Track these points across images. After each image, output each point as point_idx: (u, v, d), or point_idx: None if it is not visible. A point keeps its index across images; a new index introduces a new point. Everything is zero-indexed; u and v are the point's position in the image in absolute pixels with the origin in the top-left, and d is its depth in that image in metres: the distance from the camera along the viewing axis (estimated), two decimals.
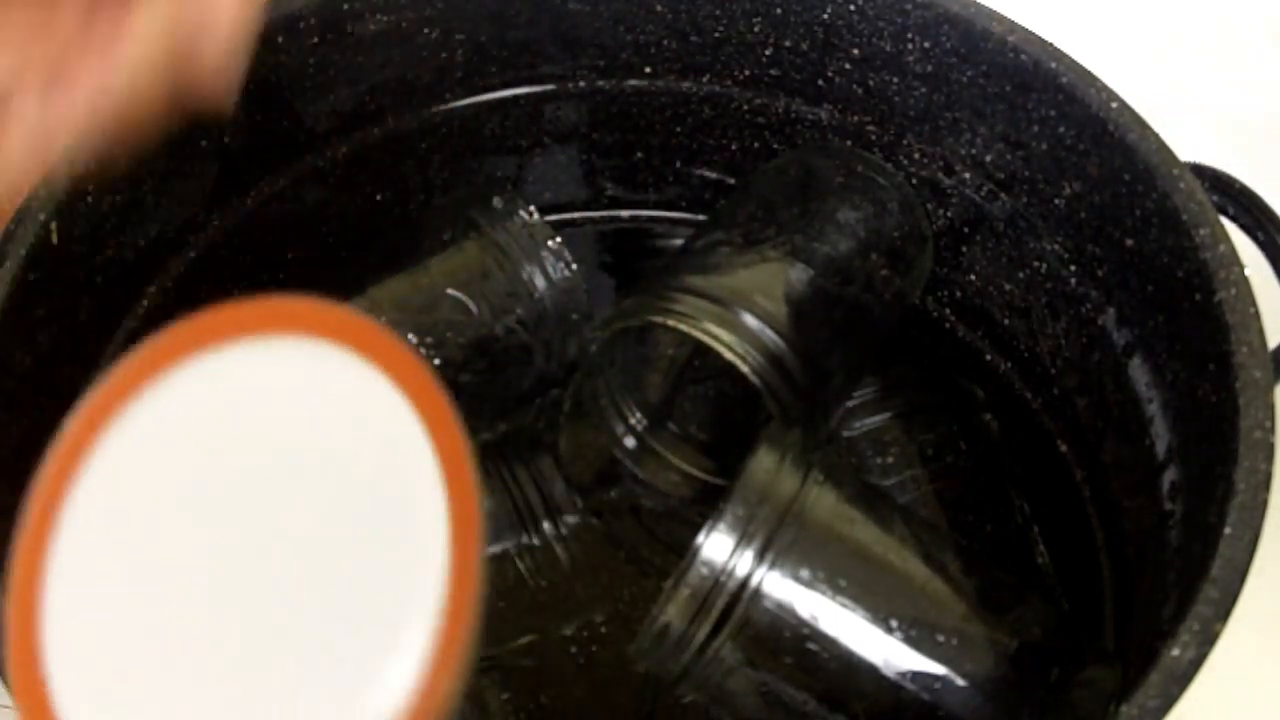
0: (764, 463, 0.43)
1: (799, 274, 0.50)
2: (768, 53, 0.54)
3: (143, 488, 0.29)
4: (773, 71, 0.54)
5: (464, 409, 0.52)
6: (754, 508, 0.42)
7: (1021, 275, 0.53)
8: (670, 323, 0.47)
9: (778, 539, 0.42)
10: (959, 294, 0.57)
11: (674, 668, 0.43)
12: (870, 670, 0.41)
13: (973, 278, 0.55)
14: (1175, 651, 0.35)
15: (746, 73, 0.55)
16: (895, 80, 0.52)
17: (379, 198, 0.56)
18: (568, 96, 0.56)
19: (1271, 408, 0.39)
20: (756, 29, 0.53)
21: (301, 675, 0.27)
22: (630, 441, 0.57)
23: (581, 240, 0.61)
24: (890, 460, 0.56)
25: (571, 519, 0.56)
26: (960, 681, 0.41)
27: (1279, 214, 0.48)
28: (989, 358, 0.56)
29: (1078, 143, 0.47)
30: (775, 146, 0.57)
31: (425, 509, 0.28)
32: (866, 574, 0.42)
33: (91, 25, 0.31)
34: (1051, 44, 0.47)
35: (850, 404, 0.56)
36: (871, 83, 0.53)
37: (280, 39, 0.48)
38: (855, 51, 0.52)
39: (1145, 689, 0.34)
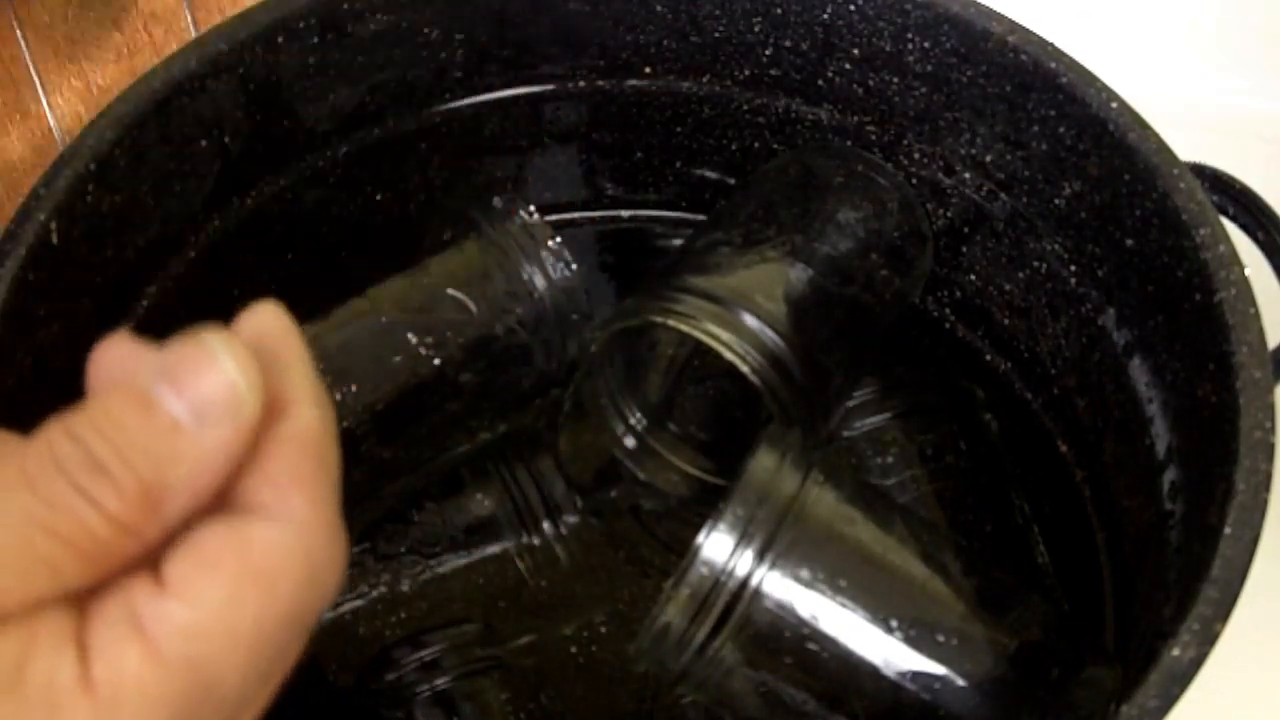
0: (764, 463, 0.43)
1: (799, 274, 0.50)
2: (768, 53, 0.54)
3: None
4: (773, 71, 0.54)
5: (464, 409, 0.52)
6: (754, 508, 0.42)
7: (1021, 275, 0.53)
8: (670, 323, 0.47)
9: (778, 539, 0.42)
10: (959, 294, 0.57)
11: (674, 668, 0.43)
12: (870, 670, 0.41)
13: (973, 278, 0.55)
14: (1175, 651, 0.35)
15: (746, 73, 0.55)
16: (895, 80, 0.52)
17: (379, 198, 0.56)
18: (568, 96, 0.56)
19: (1271, 408, 0.39)
20: (756, 29, 0.53)
21: None
22: (630, 441, 0.57)
23: (581, 240, 0.61)
24: (890, 460, 0.56)
25: (571, 519, 0.56)
26: (960, 681, 0.41)
27: (1279, 214, 0.48)
28: (989, 358, 0.56)
29: (1078, 143, 0.47)
30: (775, 146, 0.57)
31: None
32: (866, 574, 0.42)
33: None
34: (1051, 44, 0.47)
35: (850, 404, 0.56)
36: (871, 83, 0.53)
37: (280, 39, 0.48)
38: (855, 51, 0.52)
39: (1145, 689, 0.34)
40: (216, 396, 0.26)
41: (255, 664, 0.26)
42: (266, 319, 0.29)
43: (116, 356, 0.28)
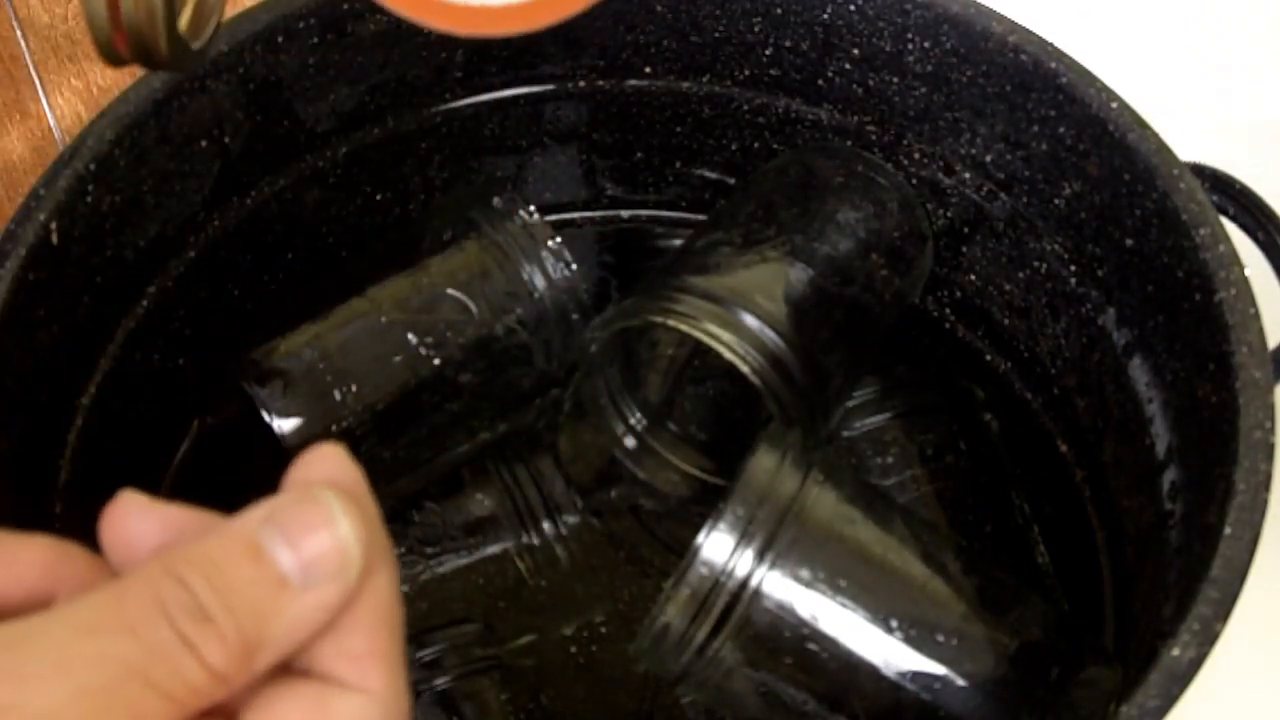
0: (764, 463, 0.43)
1: (799, 274, 0.50)
2: (768, 53, 0.54)
3: None
4: (773, 71, 0.54)
5: (464, 409, 0.52)
6: (754, 508, 0.42)
7: (1021, 275, 0.53)
8: (670, 323, 0.47)
9: (778, 539, 0.42)
10: (959, 294, 0.57)
11: (674, 668, 0.43)
12: (870, 670, 0.41)
13: (973, 278, 0.55)
14: (1175, 651, 0.35)
15: (746, 73, 0.55)
16: (895, 80, 0.52)
17: (379, 198, 0.56)
18: (568, 96, 0.56)
19: (1271, 408, 0.39)
20: (756, 29, 0.53)
21: None
22: (630, 441, 0.57)
23: (581, 240, 0.61)
24: (890, 460, 0.56)
25: (571, 519, 0.56)
26: (960, 681, 0.41)
27: (1279, 214, 0.48)
28: (989, 358, 0.56)
29: (1078, 143, 0.47)
30: (775, 146, 0.57)
31: None
32: (866, 574, 0.42)
33: None
34: (1051, 44, 0.47)
35: (850, 404, 0.56)
36: (871, 83, 0.53)
37: (280, 39, 0.48)
38: (855, 51, 0.52)
39: (1145, 689, 0.34)
40: (328, 557, 0.26)
41: None
42: (336, 466, 0.28)
43: (141, 526, 0.27)
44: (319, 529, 0.26)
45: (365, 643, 0.27)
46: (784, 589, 0.42)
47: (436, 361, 0.50)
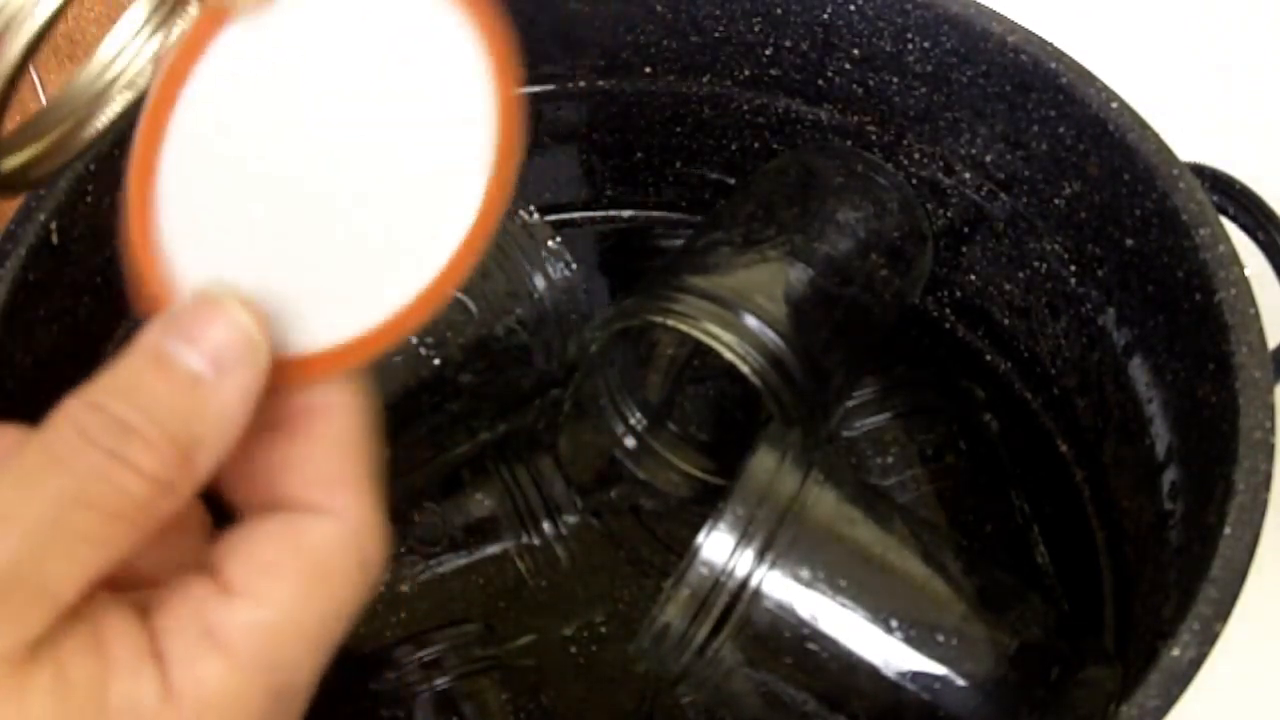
0: (764, 463, 0.43)
1: (799, 274, 0.50)
2: (768, 53, 0.54)
3: (237, 105, 0.28)
4: (773, 71, 0.54)
5: (464, 409, 0.52)
6: (754, 508, 0.42)
7: (1021, 275, 0.53)
8: (670, 323, 0.47)
9: (778, 539, 0.42)
10: (959, 294, 0.57)
11: (674, 668, 0.43)
12: (870, 670, 0.41)
13: (973, 278, 0.55)
14: (1175, 651, 0.35)
15: (746, 73, 0.55)
16: (895, 80, 0.52)
17: None
18: (568, 96, 0.56)
19: (1271, 408, 0.39)
20: (756, 29, 0.53)
21: (376, 239, 0.28)
22: (630, 441, 0.57)
23: (581, 240, 0.61)
24: (890, 460, 0.56)
25: (571, 519, 0.56)
26: (960, 681, 0.41)
27: (1279, 214, 0.48)
28: (989, 358, 0.56)
29: (1078, 143, 0.47)
30: (775, 146, 0.57)
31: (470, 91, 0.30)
32: (866, 574, 0.42)
33: None
34: (1051, 44, 0.47)
35: (850, 404, 0.56)
36: (871, 83, 0.53)
37: None
38: (855, 51, 0.52)
39: (1145, 689, 0.34)
40: (231, 344, 0.26)
41: (318, 659, 0.27)
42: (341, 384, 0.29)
43: None
44: (215, 321, 0.26)
45: (334, 469, 0.27)
46: (784, 589, 0.42)
47: (436, 361, 0.50)
